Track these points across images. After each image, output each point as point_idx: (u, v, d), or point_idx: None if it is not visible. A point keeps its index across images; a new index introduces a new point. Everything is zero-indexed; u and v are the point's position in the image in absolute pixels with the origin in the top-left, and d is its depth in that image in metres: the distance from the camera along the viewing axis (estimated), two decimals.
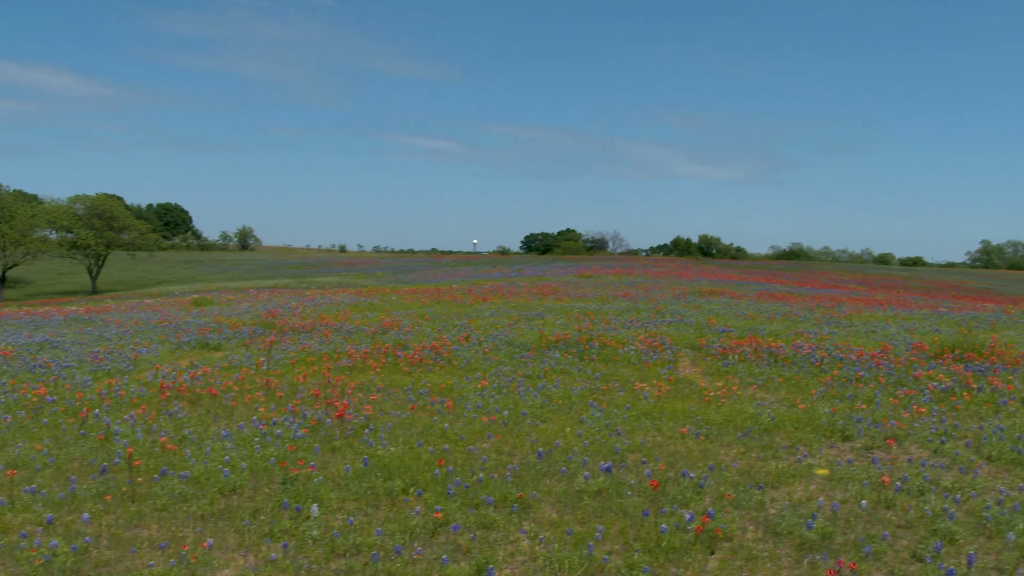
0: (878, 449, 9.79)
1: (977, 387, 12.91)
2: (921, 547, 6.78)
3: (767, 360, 15.72)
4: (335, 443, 9.79)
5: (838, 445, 10.01)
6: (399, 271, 77.76)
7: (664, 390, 12.92)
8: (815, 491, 8.27)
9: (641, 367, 15.25)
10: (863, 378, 13.75)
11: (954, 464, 9.12)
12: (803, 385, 13.44)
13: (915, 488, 8.19)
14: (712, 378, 14.30)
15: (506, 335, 19.37)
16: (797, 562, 6.58)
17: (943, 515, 7.40)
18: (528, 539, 7.03)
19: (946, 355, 15.80)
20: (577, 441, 9.84)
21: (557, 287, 41.88)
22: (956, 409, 11.65)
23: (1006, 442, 9.73)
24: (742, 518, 7.47)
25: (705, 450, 9.61)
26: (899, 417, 11.02)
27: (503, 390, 12.87)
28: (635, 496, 7.90)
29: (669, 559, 6.55)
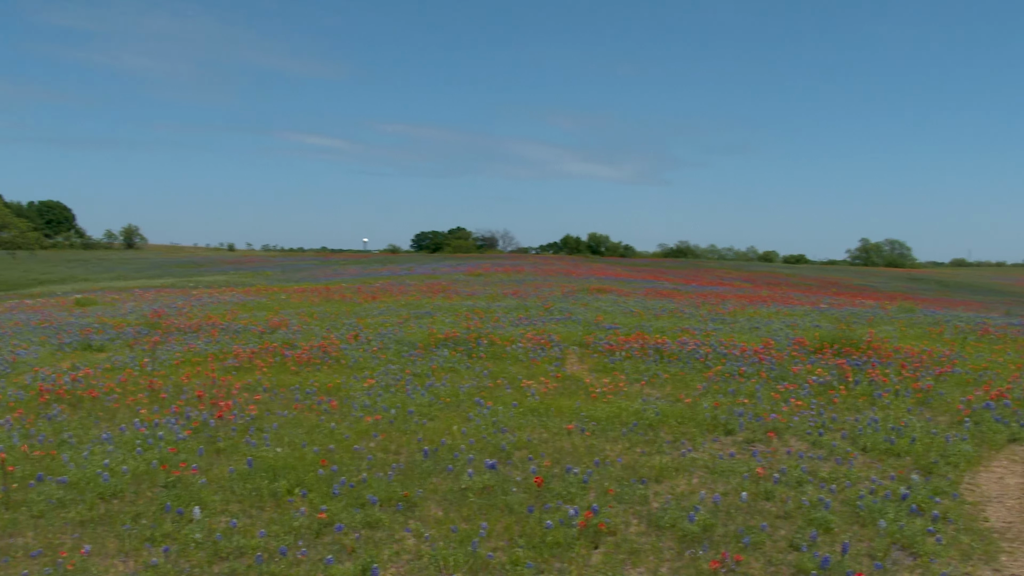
0: (759, 442, 10.01)
1: (854, 380, 13.28)
2: (798, 536, 6.96)
3: (653, 356, 15.92)
4: (219, 444, 9.65)
5: (720, 439, 10.21)
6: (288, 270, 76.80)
7: (551, 387, 13.02)
8: (697, 484, 8.42)
9: (529, 364, 15.34)
10: (746, 373, 14.04)
11: (831, 455, 9.38)
12: (688, 381, 13.67)
13: (794, 479, 8.41)
14: (599, 375, 14.44)
15: (395, 333, 19.29)
16: (679, 554, 6.70)
17: (819, 505, 7.60)
18: (413, 537, 7.03)
19: (826, 350, 16.20)
20: (464, 439, 9.86)
21: (447, 285, 41.83)
22: (834, 402, 11.97)
23: (880, 433, 10.05)
24: (626, 512, 7.57)
25: (591, 446, 9.71)
26: (779, 411, 11.27)
27: (391, 388, 12.83)
28: (520, 492, 7.95)
29: (553, 554, 6.61)
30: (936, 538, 6.92)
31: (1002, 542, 7.12)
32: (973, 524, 7.46)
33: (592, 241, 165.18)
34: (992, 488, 8.61)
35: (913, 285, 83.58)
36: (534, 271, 58.48)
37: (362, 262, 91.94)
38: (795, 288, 58.11)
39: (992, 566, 6.63)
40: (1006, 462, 9.55)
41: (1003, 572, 6.53)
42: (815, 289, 58.80)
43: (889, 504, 7.63)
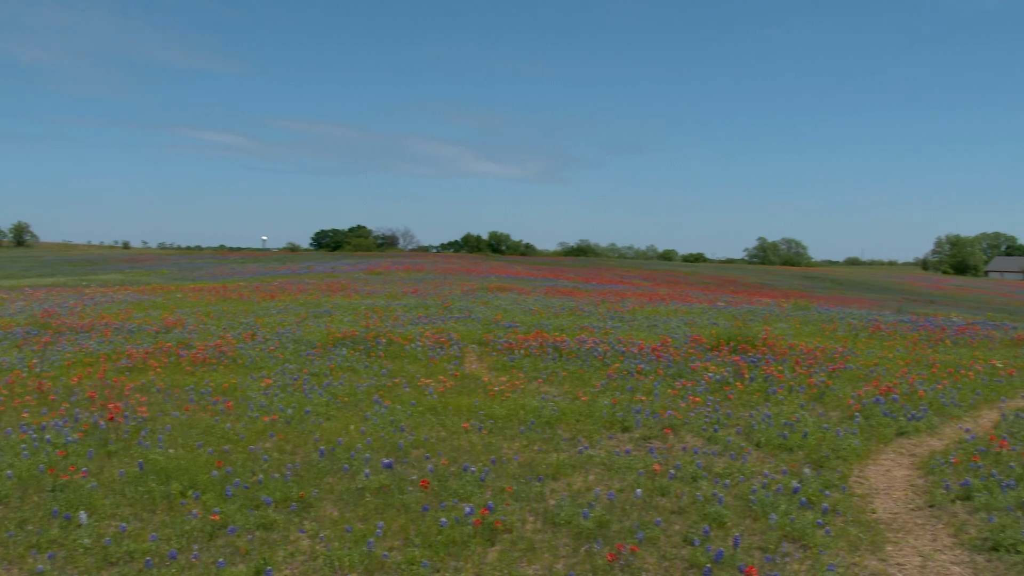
0: (655, 439, 10.11)
1: (750, 377, 13.49)
2: (692, 531, 7.04)
3: (552, 354, 16.00)
4: (110, 447, 9.41)
5: (617, 436, 10.29)
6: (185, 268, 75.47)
7: (449, 385, 13.00)
8: (594, 481, 8.47)
9: (428, 363, 15.30)
10: (644, 370, 14.18)
11: (726, 451, 9.51)
12: (586, 378, 13.75)
13: (688, 475, 8.50)
14: (497, 373, 14.47)
15: (293, 333, 19.11)
16: (574, 551, 6.72)
17: (713, 500, 7.70)
18: (308, 538, 6.94)
19: (722, 347, 16.45)
20: (361, 438, 9.78)
21: (346, 284, 41.55)
22: (729, 398, 12.15)
23: (773, 428, 10.22)
24: (522, 510, 7.58)
25: (488, 444, 9.71)
26: (676, 407, 11.40)
27: (288, 388, 12.68)
28: (417, 491, 7.90)
29: (449, 553, 6.59)
30: (825, 530, 7.06)
31: (888, 533, 7.29)
32: (861, 516, 7.63)
33: (493, 240, 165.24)
34: (880, 480, 8.81)
35: (809, 283, 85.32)
36: (434, 269, 58.41)
37: (261, 260, 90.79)
38: (694, 286, 58.91)
39: (878, 556, 6.78)
40: (894, 455, 9.79)
41: (888, 562, 6.68)
42: (714, 287, 59.68)
43: (781, 498, 7.76)
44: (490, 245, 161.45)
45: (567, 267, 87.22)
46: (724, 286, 64.21)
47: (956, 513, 7.74)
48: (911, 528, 7.45)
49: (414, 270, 57.04)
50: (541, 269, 75.50)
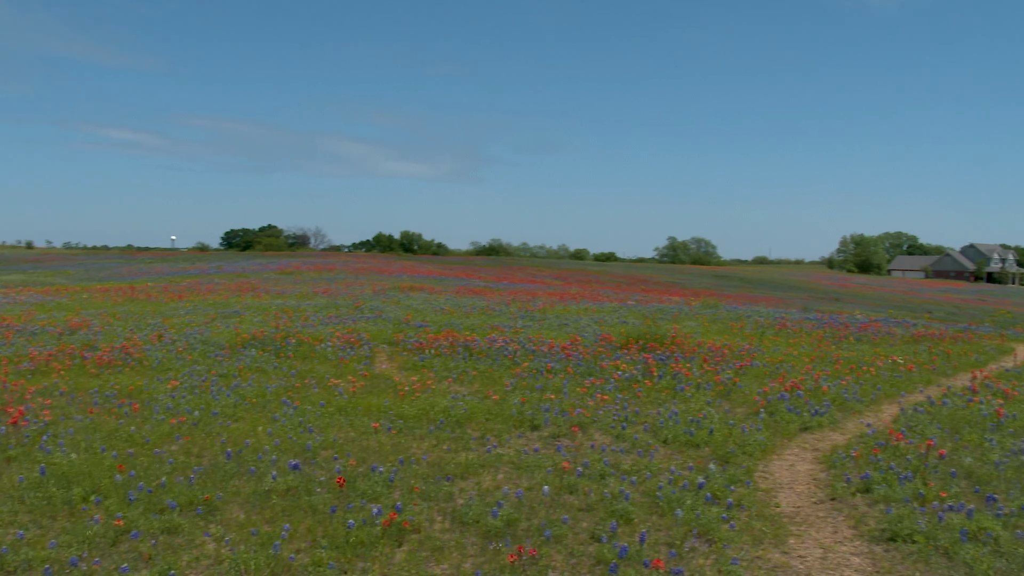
0: (564, 437, 10.17)
1: (658, 375, 13.64)
2: (599, 528, 7.10)
3: (463, 354, 16.01)
4: (10, 452, 9.18)
5: (526, 434, 10.33)
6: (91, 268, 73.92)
7: (360, 386, 12.94)
8: (503, 480, 8.49)
9: (338, 363, 15.21)
10: (553, 369, 14.25)
11: (633, 448, 9.60)
12: (496, 377, 13.78)
13: (596, 472, 8.56)
14: (408, 373, 14.43)
15: (201, 334, 18.86)
16: (482, 550, 6.73)
17: (620, 497, 7.76)
18: (214, 542, 6.85)
19: (631, 345, 16.59)
20: (268, 440, 9.69)
21: (256, 284, 41.12)
22: (638, 396, 12.26)
23: (680, 425, 10.35)
24: (430, 509, 7.57)
25: (397, 444, 9.68)
26: (585, 405, 11.48)
27: (195, 390, 12.50)
28: (325, 493, 7.85)
29: (356, 554, 6.55)
30: (730, 524, 7.17)
31: (791, 526, 7.43)
32: (765, 510, 7.76)
33: (405, 239, 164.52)
34: (784, 475, 8.98)
35: (718, 282, 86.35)
36: (346, 269, 58.03)
37: (169, 260, 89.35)
38: (605, 285, 59.30)
39: (781, 549, 6.90)
40: (797, 450, 9.98)
41: (791, 555, 6.81)
42: (625, 286, 60.14)
43: (687, 493, 7.86)
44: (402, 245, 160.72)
45: (479, 266, 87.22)
46: (635, 285, 64.77)
47: (856, 505, 7.93)
48: (813, 521, 7.60)
49: (325, 270, 56.61)
50: (453, 268, 75.43)
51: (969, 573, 6.34)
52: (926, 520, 7.20)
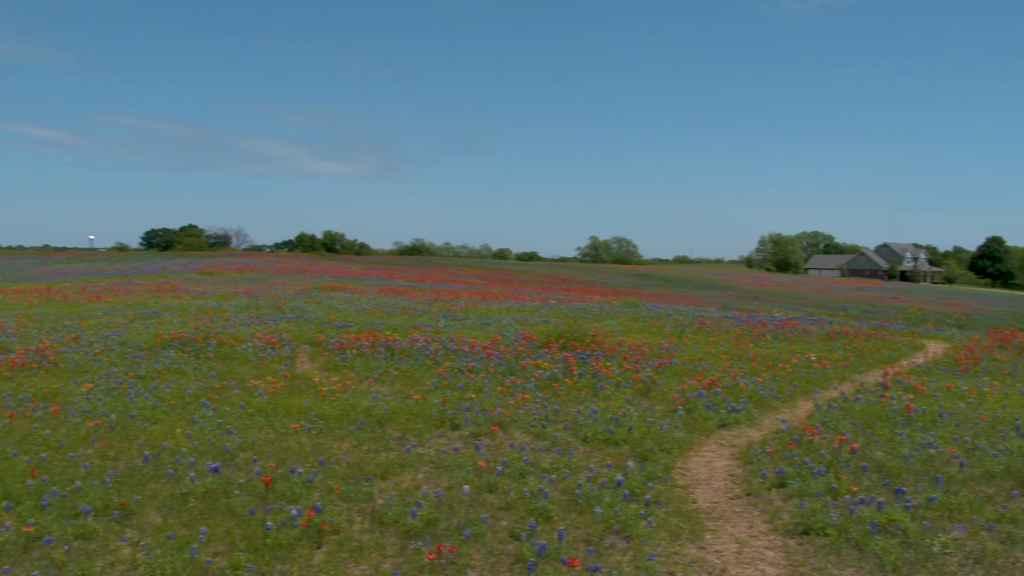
0: (485, 436, 10.21)
1: (578, 373, 13.73)
2: (519, 526, 7.15)
3: (384, 354, 15.97)
4: None
5: (447, 434, 10.36)
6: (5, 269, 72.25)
7: (280, 386, 12.85)
8: (423, 480, 8.51)
9: (258, 364, 15.09)
10: (474, 368, 14.28)
11: (553, 446, 9.67)
12: (417, 377, 13.78)
13: (516, 471, 8.61)
14: (329, 373, 14.37)
15: (119, 335, 18.57)
16: (402, 550, 6.74)
17: (540, 495, 7.82)
18: (129, 547, 6.77)
19: (552, 344, 16.68)
20: (187, 442, 9.59)
21: (176, 284, 40.56)
22: (558, 395, 12.35)
23: (600, 423, 10.45)
24: (350, 510, 7.56)
25: (317, 445, 9.65)
26: (506, 404, 11.52)
27: (112, 392, 12.31)
28: (244, 495, 7.80)
29: (275, 556, 6.53)
30: (648, 521, 7.26)
31: (708, 521, 7.57)
32: (683, 506, 7.89)
33: (327, 239, 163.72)
34: (701, 471, 9.12)
35: (639, 281, 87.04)
36: (267, 269, 57.49)
37: (87, 260, 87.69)
38: (527, 285, 59.47)
39: (698, 544, 7.02)
40: (715, 446, 10.14)
41: (707, 549, 6.93)
42: (547, 286, 60.36)
43: (606, 491, 7.95)
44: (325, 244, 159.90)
45: (402, 266, 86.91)
46: (557, 284, 65.03)
47: (771, 500, 8.09)
48: (729, 516, 7.75)
49: (247, 270, 56.04)
50: (376, 268, 75.10)
51: (878, 564, 6.51)
52: (838, 513, 7.38)
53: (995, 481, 8.47)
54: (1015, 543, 6.91)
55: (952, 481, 8.35)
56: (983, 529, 7.17)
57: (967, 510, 7.60)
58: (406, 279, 53.40)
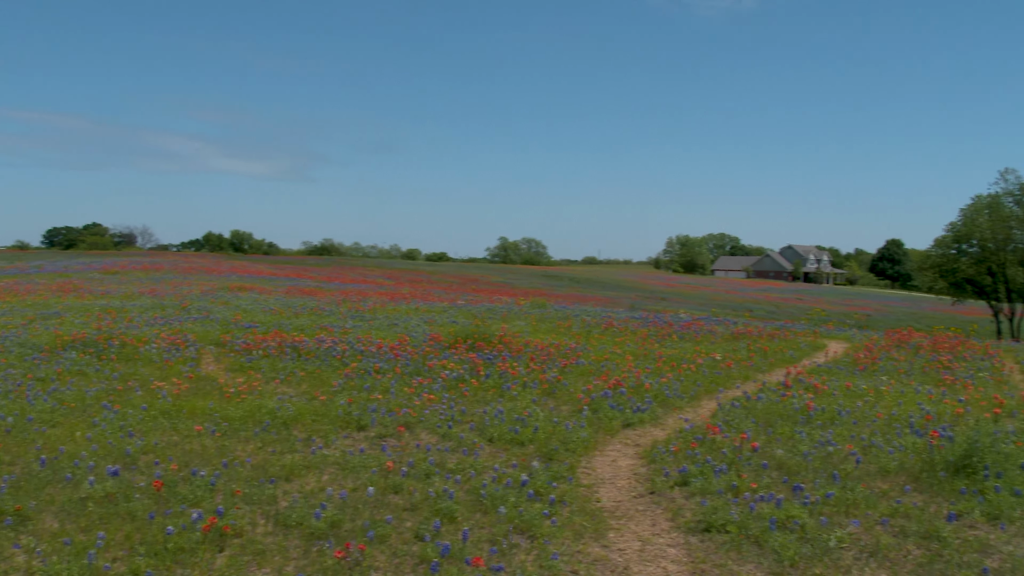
0: (391, 437, 10.21)
1: (485, 374, 13.77)
2: (423, 527, 7.14)
3: (291, 355, 15.87)
4: None
5: (353, 435, 10.33)
6: None
7: (184, 388, 12.68)
8: (327, 481, 8.47)
9: (162, 365, 14.87)
10: (381, 369, 14.24)
11: (459, 447, 9.69)
12: (324, 378, 13.71)
13: (422, 472, 8.62)
14: (234, 374, 14.22)
15: (18, 336, 18.15)
16: (305, 552, 6.71)
17: (445, 496, 7.82)
18: (24, 554, 6.60)
19: (459, 345, 16.70)
20: (87, 445, 9.40)
21: (79, 284, 39.74)
22: (465, 395, 12.37)
23: (506, 424, 10.50)
24: (253, 513, 7.49)
25: (221, 447, 9.54)
26: (412, 405, 11.51)
27: (9, 395, 12.01)
28: (144, 499, 7.66)
29: (176, 560, 6.44)
30: (552, 520, 7.31)
31: (611, 520, 7.65)
32: (587, 505, 7.96)
33: (235, 238, 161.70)
34: (606, 471, 9.21)
35: (548, 282, 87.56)
36: (174, 269, 56.66)
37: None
38: (436, 285, 59.48)
39: (601, 543, 7.10)
40: (620, 446, 10.25)
41: (611, 548, 7.01)
42: (456, 286, 60.43)
43: (510, 491, 7.99)
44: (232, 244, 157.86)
45: (311, 266, 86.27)
46: (466, 285, 65.15)
47: (674, 498, 8.20)
48: (633, 515, 7.84)
49: (152, 269, 55.15)
50: (284, 268, 74.47)
51: (777, 559, 6.64)
52: (738, 510, 7.51)
53: (890, 477, 8.70)
54: (907, 536, 7.10)
55: (849, 477, 8.55)
56: (877, 523, 7.35)
57: (863, 505, 7.79)
58: (314, 279, 53.08)
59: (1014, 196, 60.90)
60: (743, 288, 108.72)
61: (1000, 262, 61.06)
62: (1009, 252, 60.69)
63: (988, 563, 6.55)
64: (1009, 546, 6.90)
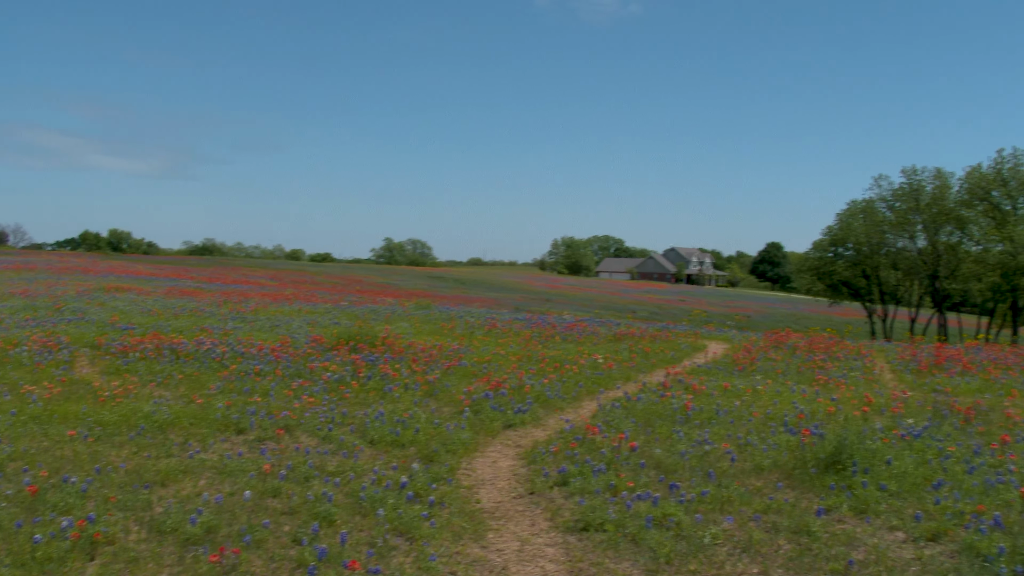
0: (270, 440, 10.09)
1: (367, 376, 13.71)
2: (301, 531, 7.08)
3: (169, 357, 15.56)
4: None
5: (231, 438, 10.19)
6: None
7: (56, 392, 12.32)
8: (204, 486, 8.33)
9: (34, 368, 14.42)
10: (262, 371, 14.07)
11: (339, 449, 9.64)
12: (203, 380, 13.48)
13: (301, 475, 8.55)
14: (110, 377, 13.87)
15: None
16: (180, 559, 6.59)
17: (324, 499, 7.77)
18: None
19: (342, 347, 16.60)
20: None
21: None
22: (346, 397, 12.29)
23: (387, 426, 10.47)
24: (127, 520, 7.31)
25: (94, 452, 9.31)
26: (292, 408, 11.40)
27: None
28: (11, 507, 7.41)
29: (43, 570, 6.25)
30: (431, 522, 7.33)
31: (491, 521, 7.69)
32: (466, 506, 7.99)
33: (113, 238, 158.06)
34: (486, 472, 9.26)
35: (433, 283, 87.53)
36: (48, 269, 55.08)
37: None
38: (320, 286, 59.00)
39: (480, 544, 7.13)
40: (500, 447, 10.32)
41: (489, 548, 7.05)
42: (340, 287, 60.03)
43: (390, 493, 7.97)
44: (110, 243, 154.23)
45: (191, 267, 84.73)
46: (350, 286, 64.74)
47: (553, 498, 8.28)
48: (512, 515, 7.89)
49: (25, 269, 53.51)
50: (164, 268, 72.99)
51: (653, 557, 6.76)
52: (616, 509, 7.62)
53: (764, 474, 8.91)
54: (778, 532, 7.29)
55: (724, 475, 8.74)
56: (750, 520, 7.53)
57: (737, 502, 7.98)
58: (195, 280, 52.16)
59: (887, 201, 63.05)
60: (627, 290, 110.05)
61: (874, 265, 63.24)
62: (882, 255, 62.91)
63: (854, 555, 6.77)
64: (874, 538, 7.13)
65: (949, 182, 59.97)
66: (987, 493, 8.09)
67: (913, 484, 8.36)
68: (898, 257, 62.73)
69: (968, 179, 57.72)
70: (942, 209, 58.69)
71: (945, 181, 60.02)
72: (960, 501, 7.87)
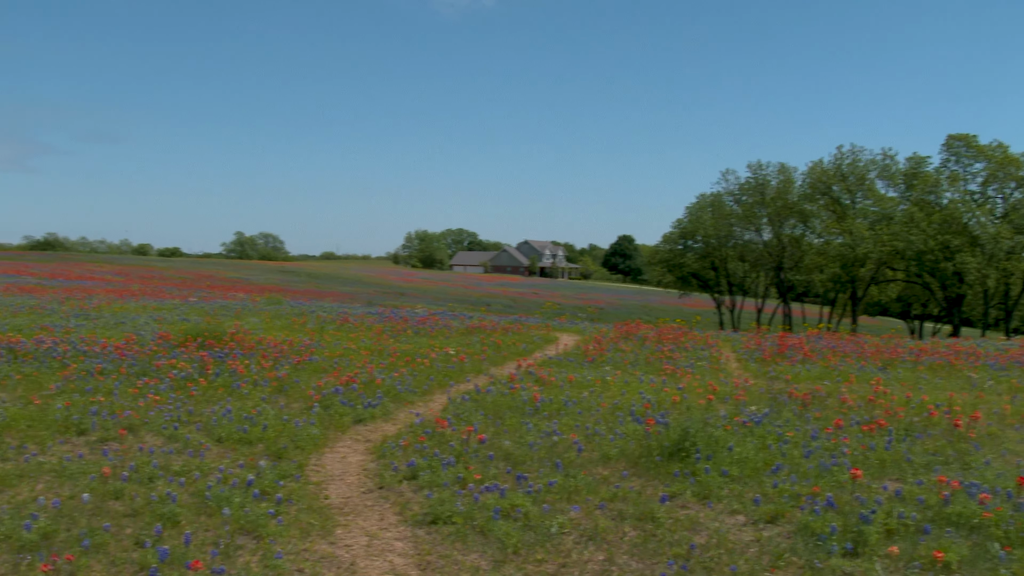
0: (113, 441, 9.82)
1: (215, 373, 13.47)
2: (144, 532, 6.94)
3: (5, 356, 14.97)
4: None
5: (72, 440, 9.88)
6: None
7: None
8: (42, 490, 8.07)
9: None
10: (105, 370, 13.67)
11: (185, 448, 9.45)
12: (42, 381, 13.01)
13: (145, 476, 8.36)
14: None
15: None
16: (14, 567, 6.37)
17: (168, 499, 7.62)
18: None
19: (189, 343, 16.25)
20: None
21: None
22: (192, 395, 12.04)
23: (234, 423, 10.33)
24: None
25: None
26: (136, 407, 11.10)
27: None
28: None
29: None
30: (278, 519, 7.25)
31: (339, 517, 7.67)
32: (315, 503, 7.95)
33: None
34: (336, 467, 9.22)
35: (286, 278, 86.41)
36: None
37: None
38: (169, 282, 57.72)
39: (328, 540, 7.11)
40: (350, 442, 10.27)
41: (338, 544, 7.03)
42: (190, 283, 58.83)
43: (236, 491, 7.87)
44: None
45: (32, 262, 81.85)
46: (201, 281, 63.47)
47: (403, 492, 8.31)
48: (361, 510, 7.88)
49: None
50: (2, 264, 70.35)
51: (501, 547, 6.85)
52: (464, 502, 7.70)
53: (611, 463, 9.10)
54: (624, 519, 7.46)
55: (572, 465, 8.89)
56: (597, 508, 7.69)
57: (584, 492, 8.13)
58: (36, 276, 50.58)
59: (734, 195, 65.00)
60: (481, 283, 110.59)
61: (722, 257, 65.11)
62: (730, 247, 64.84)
63: (696, 539, 6.98)
64: (716, 523, 7.37)
65: (792, 177, 62.27)
66: (822, 475, 8.44)
67: (754, 469, 8.66)
68: (745, 249, 64.76)
69: (810, 174, 60.03)
70: (786, 203, 60.87)
71: (789, 176, 62.29)
72: (797, 484, 8.19)
